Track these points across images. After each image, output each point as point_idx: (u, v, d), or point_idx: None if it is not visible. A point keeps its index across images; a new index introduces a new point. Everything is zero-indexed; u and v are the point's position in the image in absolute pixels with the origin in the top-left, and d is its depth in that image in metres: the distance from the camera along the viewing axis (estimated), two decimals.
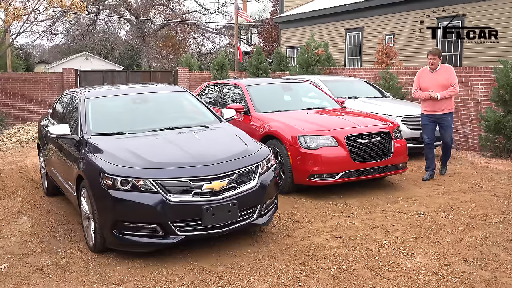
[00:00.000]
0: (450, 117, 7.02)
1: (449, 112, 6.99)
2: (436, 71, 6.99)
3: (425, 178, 7.10)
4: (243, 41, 37.37)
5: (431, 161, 7.18)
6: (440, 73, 6.97)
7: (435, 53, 6.95)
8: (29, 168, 8.74)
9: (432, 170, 7.20)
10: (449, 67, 7.03)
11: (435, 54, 6.94)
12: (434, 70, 6.99)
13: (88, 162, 4.53)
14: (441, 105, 6.94)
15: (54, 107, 6.83)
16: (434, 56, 6.93)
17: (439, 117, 6.99)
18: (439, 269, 4.02)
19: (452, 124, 7.09)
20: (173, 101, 6.15)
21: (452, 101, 7.04)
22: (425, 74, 7.11)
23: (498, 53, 12.41)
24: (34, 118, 15.48)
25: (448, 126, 7.03)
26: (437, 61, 6.93)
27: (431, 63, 6.99)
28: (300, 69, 14.65)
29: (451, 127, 7.08)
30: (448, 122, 7.01)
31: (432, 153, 7.19)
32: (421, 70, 7.21)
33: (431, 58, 6.98)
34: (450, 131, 7.10)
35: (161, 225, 4.16)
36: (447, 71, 6.96)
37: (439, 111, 6.97)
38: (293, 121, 6.57)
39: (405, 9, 15.92)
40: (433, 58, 6.94)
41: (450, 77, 6.90)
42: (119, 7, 33.10)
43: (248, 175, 4.52)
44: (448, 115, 6.99)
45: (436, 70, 6.99)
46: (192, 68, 19.11)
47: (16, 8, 12.33)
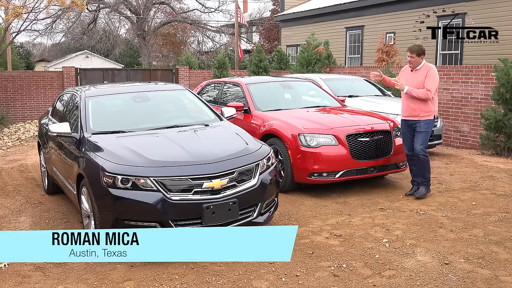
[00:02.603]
0: (426, 123, 6.00)
1: (423, 120, 6.00)
2: (416, 70, 6.13)
3: (408, 193, 6.22)
4: (244, 40, 37.37)
5: (416, 173, 6.20)
6: (418, 73, 6.09)
7: (412, 50, 6.09)
8: (30, 166, 8.74)
9: (417, 184, 6.25)
10: (430, 69, 6.05)
11: (412, 51, 6.08)
12: (414, 69, 6.15)
13: (89, 160, 4.53)
14: (414, 109, 6.03)
15: (54, 105, 6.83)
16: (412, 53, 6.07)
17: (413, 123, 6.08)
18: (439, 268, 4.02)
19: (427, 133, 6.01)
20: (174, 100, 6.15)
21: (428, 107, 5.99)
22: (405, 72, 6.31)
23: (499, 51, 12.40)
24: (35, 116, 15.49)
25: (419, 133, 6.00)
26: (415, 60, 6.06)
27: (409, 61, 6.15)
28: (300, 68, 14.65)
29: (423, 136, 5.98)
30: (421, 128, 6.00)
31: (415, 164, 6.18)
32: (404, 68, 6.45)
33: (409, 55, 6.14)
34: (422, 140, 5.99)
35: (161, 224, 4.16)
36: (425, 72, 6.03)
37: (412, 116, 6.07)
38: (293, 120, 6.57)
39: (405, 8, 15.90)
40: (410, 56, 6.09)
41: (425, 79, 5.97)
42: (119, 5, 33.09)
43: (248, 173, 4.52)
44: (423, 121, 6.00)
45: (416, 69, 6.13)
46: (192, 66, 19.10)
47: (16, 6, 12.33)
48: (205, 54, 35.63)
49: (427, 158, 6.04)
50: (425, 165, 6.05)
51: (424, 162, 6.03)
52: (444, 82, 10.37)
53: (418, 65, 6.10)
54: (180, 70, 17.68)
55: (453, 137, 10.20)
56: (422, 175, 6.10)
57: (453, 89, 10.19)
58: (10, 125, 14.46)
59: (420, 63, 6.08)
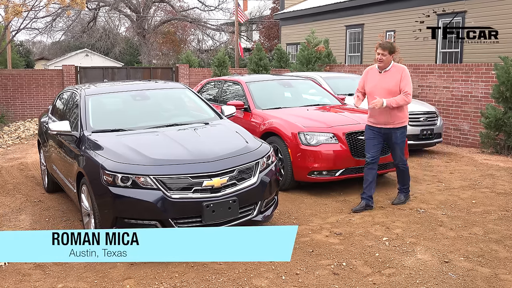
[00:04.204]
0: (402, 132, 5.43)
1: (399, 127, 5.40)
2: (385, 71, 5.35)
3: (356, 209, 5.49)
4: (244, 38, 37.34)
5: (370, 186, 5.54)
6: (389, 75, 5.32)
7: (384, 47, 5.26)
8: (30, 165, 8.74)
9: (367, 198, 5.54)
10: (402, 69, 5.32)
11: (384, 48, 5.26)
12: (383, 70, 5.36)
13: (89, 158, 4.53)
14: (389, 116, 5.33)
15: (54, 104, 6.83)
16: (384, 51, 5.26)
17: (386, 132, 5.41)
18: (439, 266, 4.02)
19: (404, 142, 5.49)
20: (173, 98, 6.15)
21: (403, 114, 5.39)
22: (372, 74, 5.47)
23: (499, 50, 12.38)
24: (35, 115, 15.49)
25: (397, 144, 5.43)
26: (387, 58, 5.28)
27: (379, 59, 5.30)
28: (300, 66, 14.64)
29: (401, 145, 5.46)
30: (397, 139, 5.41)
31: (373, 175, 5.53)
32: (368, 69, 5.58)
33: (379, 52, 5.29)
34: (401, 150, 5.48)
35: (161, 222, 4.16)
36: (398, 73, 5.29)
37: (386, 124, 5.38)
38: (293, 118, 6.57)
39: (405, 6, 15.89)
40: (381, 54, 5.27)
41: (401, 81, 5.25)
42: (119, 4, 33.05)
43: (248, 172, 4.52)
44: (398, 130, 5.40)
45: (385, 70, 5.35)
46: (192, 64, 19.10)
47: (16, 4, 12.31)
48: (205, 53, 35.61)
49: (406, 168, 5.65)
50: (405, 174, 5.67)
51: (404, 172, 5.65)
52: (444, 80, 10.37)
53: (388, 65, 5.36)
54: (180, 68, 17.67)
55: (453, 136, 10.20)
56: (402, 183, 5.75)
57: (453, 87, 10.18)
58: (10, 124, 14.46)
59: (390, 63, 5.37)
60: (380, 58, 5.30)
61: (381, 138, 5.48)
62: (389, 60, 5.34)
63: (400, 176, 5.72)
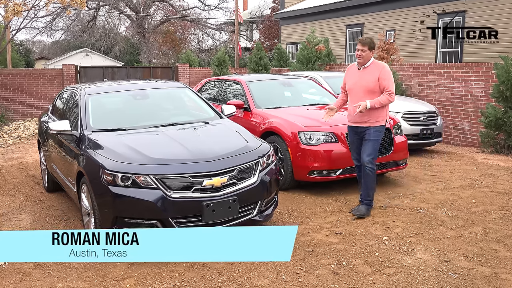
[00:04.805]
0: (375, 132, 5.16)
1: (373, 126, 5.16)
2: (364, 68, 5.15)
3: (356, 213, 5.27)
4: (244, 37, 37.34)
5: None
6: (368, 72, 5.12)
7: (364, 42, 5.05)
8: (30, 164, 8.74)
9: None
10: (382, 66, 5.11)
11: (364, 44, 5.04)
12: (362, 66, 5.17)
13: (89, 158, 4.53)
14: (364, 115, 5.13)
15: (54, 103, 6.83)
16: (364, 46, 5.05)
17: (361, 131, 5.24)
18: (439, 265, 4.02)
19: (374, 142, 5.16)
20: (173, 97, 6.15)
21: (380, 112, 5.14)
22: (352, 71, 5.30)
23: (499, 49, 12.38)
24: (35, 114, 15.48)
25: (369, 140, 5.16)
26: (367, 54, 5.06)
27: (358, 55, 5.10)
28: (300, 65, 14.64)
29: (371, 145, 5.15)
30: (370, 135, 5.15)
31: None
32: (349, 66, 5.41)
33: (359, 48, 5.09)
34: (369, 149, 5.15)
35: (161, 221, 4.16)
36: (377, 70, 5.08)
37: (359, 123, 5.21)
38: (293, 117, 6.57)
39: (405, 5, 15.89)
40: (361, 50, 5.06)
41: (380, 79, 5.04)
42: (119, 3, 33.03)
43: (248, 171, 4.52)
44: (371, 129, 5.16)
45: (364, 67, 5.15)
46: (192, 64, 19.09)
47: (16, 4, 12.30)
48: (205, 52, 35.58)
49: (373, 172, 5.19)
50: (369, 179, 5.19)
51: (370, 176, 5.17)
52: (444, 79, 10.37)
53: (368, 62, 5.14)
54: (180, 68, 17.67)
55: (453, 135, 10.20)
56: (365, 192, 5.28)
57: (453, 86, 10.18)
58: (10, 123, 14.46)
59: (369, 59, 5.15)
60: (359, 54, 5.10)
61: (360, 139, 5.30)
62: (369, 57, 5.13)
63: (365, 181, 5.22)
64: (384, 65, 5.12)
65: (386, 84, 5.04)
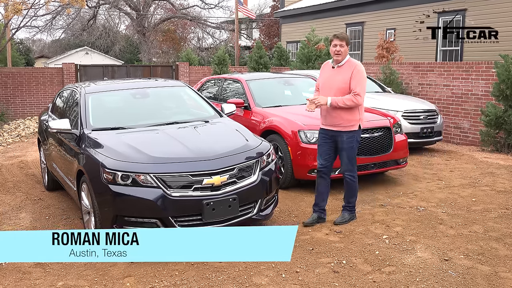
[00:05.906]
0: (349, 137, 4.78)
1: (347, 131, 4.77)
2: (339, 66, 4.77)
3: (307, 223, 4.96)
4: (244, 36, 37.31)
5: (321, 196, 5.03)
6: (342, 70, 4.75)
7: (342, 37, 4.67)
8: (30, 163, 8.74)
9: (319, 211, 5.04)
10: (355, 65, 4.72)
11: (342, 39, 4.66)
12: (337, 65, 4.79)
13: (89, 157, 4.53)
14: (334, 118, 4.77)
15: (54, 102, 6.83)
16: (342, 41, 4.66)
17: (334, 135, 4.83)
18: (439, 264, 4.03)
19: (350, 150, 4.81)
20: (173, 96, 6.15)
21: (351, 115, 4.74)
22: (326, 69, 4.94)
23: (499, 49, 12.37)
24: (35, 113, 15.48)
25: (344, 149, 4.81)
26: (345, 50, 4.69)
27: (336, 51, 4.70)
28: (300, 64, 14.63)
29: (349, 152, 4.82)
30: (343, 143, 4.78)
31: (325, 186, 5.02)
32: (325, 63, 5.02)
33: (336, 44, 4.68)
34: (348, 158, 4.84)
35: (161, 220, 4.16)
36: (349, 69, 4.70)
37: (332, 126, 4.81)
38: (293, 116, 6.56)
39: (406, 4, 15.87)
40: (339, 45, 4.67)
41: (351, 79, 4.66)
42: (119, 2, 33.02)
43: (248, 170, 4.52)
44: (345, 133, 4.77)
45: (339, 65, 4.77)
46: (192, 63, 19.08)
47: (16, 2, 12.30)
48: (205, 51, 35.57)
49: (354, 180, 4.94)
50: (351, 188, 4.97)
51: (351, 184, 4.94)
52: (444, 78, 10.36)
53: (343, 59, 4.77)
54: (180, 66, 17.66)
55: (453, 134, 10.20)
56: (347, 199, 5.05)
57: (453, 85, 10.18)
58: (10, 122, 14.46)
59: (346, 56, 4.78)
60: (338, 50, 4.69)
61: (331, 143, 4.89)
62: (346, 53, 4.76)
63: (346, 189, 5.01)
64: (356, 64, 4.73)
65: (354, 84, 4.65)
